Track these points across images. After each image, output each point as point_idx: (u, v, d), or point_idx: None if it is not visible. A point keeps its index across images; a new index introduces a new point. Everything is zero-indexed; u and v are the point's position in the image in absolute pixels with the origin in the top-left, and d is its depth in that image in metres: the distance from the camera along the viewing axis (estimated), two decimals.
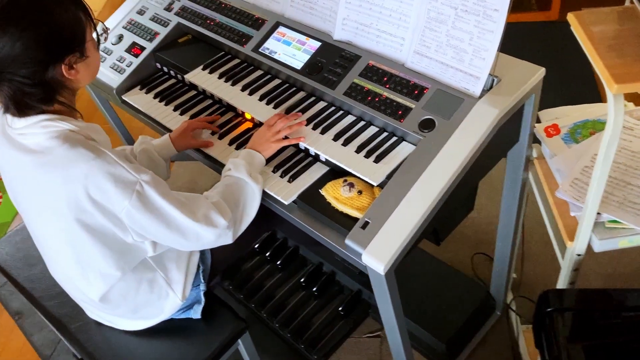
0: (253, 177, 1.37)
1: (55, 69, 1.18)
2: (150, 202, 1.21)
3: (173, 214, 1.24)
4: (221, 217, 1.29)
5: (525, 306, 2.09)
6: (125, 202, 1.19)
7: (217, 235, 1.30)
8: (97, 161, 1.17)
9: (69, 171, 1.17)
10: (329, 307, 2.17)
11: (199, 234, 1.28)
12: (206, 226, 1.27)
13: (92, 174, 1.17)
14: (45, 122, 1.19)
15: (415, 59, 1.43)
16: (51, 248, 1.38)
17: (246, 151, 1.44)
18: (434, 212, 1.26)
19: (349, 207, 1.32)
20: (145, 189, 1.21)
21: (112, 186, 1.17)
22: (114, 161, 1.19)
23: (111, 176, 1.17)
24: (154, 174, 1.24)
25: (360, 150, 1.39)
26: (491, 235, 2.36)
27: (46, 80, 1.18)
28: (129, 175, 1.19)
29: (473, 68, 1.34)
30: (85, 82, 1.28)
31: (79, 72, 1.23)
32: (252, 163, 1.40)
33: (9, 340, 2.32)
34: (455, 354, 1.98)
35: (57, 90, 1.21)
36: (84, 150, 1.17)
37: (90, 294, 1.38)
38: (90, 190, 1.17)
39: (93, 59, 1.26)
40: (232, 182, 1.36)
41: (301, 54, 1.59)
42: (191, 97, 1.73)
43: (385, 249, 1.21)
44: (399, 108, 1.40)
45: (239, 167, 1.37)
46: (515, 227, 1.78)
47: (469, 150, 1.27)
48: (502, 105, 1.31)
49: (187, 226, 1.25)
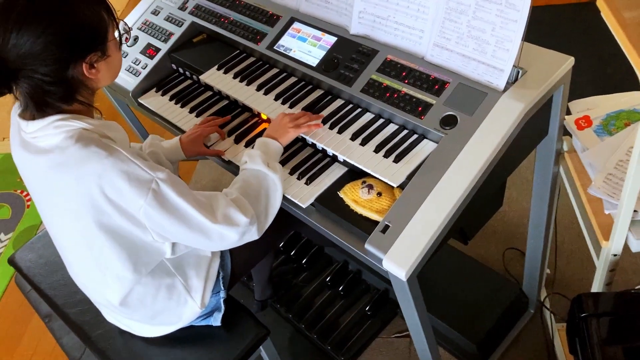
0: (271, 167, 1.32)
1: (76, 68, 1.16)
2: (167, 200, 1.18)
3: (192, 213, 1.20)
4: (242, 214, 1.24)
5: (561, 304, 2.01)
6: (140, 201, 1.16)
7: (241, 234, 1.26)
8: (110, 159, 1.14)
9: (82, 171, 1.15)
10: (356, 307, 2.12)
11: (222, 234, 1.24)
12: (228, 226, 1.23)
13: (106, 173, 1.14)
14: (58, 122, 1.17)
15: (435, 52, 1.36)
16: (70, 251, 1.37)
17: (260, 140, 1.39)
18: (458, 213, 1.20)
19: (368, 210, 1.26)
20: (162, 188, 1.17)
21: (126, 185, 1.15)
22: (128, 159, 1.16)
23: (125, 174, 1.15)
24: (169, 172, 1.21)
25: (379, 149, 1.33)
26: (523, 229, 2.28)
27: (66, 78, 1.16)
28: (143, 174, 1.16)
29: (496, 60, 1.26)
30: (105, 82, 1.26)
31: (100, 72, 1.20)
32: (268, 152, 1.36)
33: (41, 342, 2.34)
34: (486, 355, 1.91)
35: (77, 89, 1.19)
36: (97, 149, 1.15)
37: (110, 297, 1.36)
38: (106, 189, 1.15)
39: (115, 58, 1.24)
40: (249, 175, 1.32)
41: (317, 50, 1.54)
42: (207, 98, 1.70)
43: (407, 254, 1.15)
44: (418, 104, 1.33)
45: (255, 158, 1.33)
46: (547, 222, 1.70)
47: (494, 148, 1.20)
48: (528, 99, 1.23)
49: (208, 227, 1.22)
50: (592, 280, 1.44)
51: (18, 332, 2.40)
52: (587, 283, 2.03)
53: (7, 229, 2.83)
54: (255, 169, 1.32)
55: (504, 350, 1.94)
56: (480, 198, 1.26)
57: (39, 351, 2.31)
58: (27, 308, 2.32)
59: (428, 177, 1.23)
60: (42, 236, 1.81)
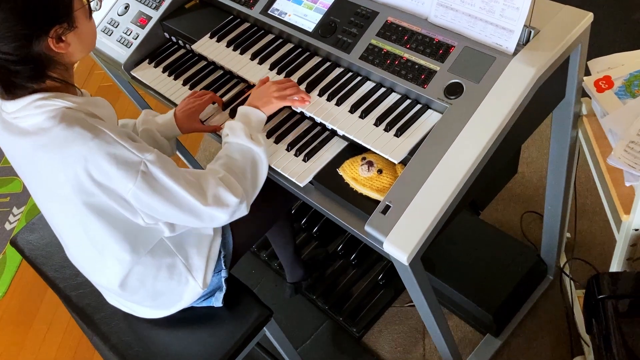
0: (254, 140, 1.25)
1: (41, 43, 1.07)
2: (157, 182, 1.13)
3: (183, 195, 1.15)
4: (231, 194, 1.19)
5: (582, 269, 1.93)
6: (129, 185, 1.11)
7: (231, 213, 1.22)
8: (96, 141, 1.08)
9: (66, 153, 1.09)
10: (368, 276, 2.07)
11: (213, 215, 1.19)
12: (218, 207, 1.19)
13: (91, 155, 1.08)
14: (40, 102, 1.10)
15: (440, 12, 1.25)
16: (66, 233, 1.33)
17: (242, 110, 1.32)
18: (465, 189, 1.11)
19: (368, 188, 1.18)
20: (151, 169, 1.12)
21: (113, 168, 1.09)
22: (114, 141, 1.09)
23: (112, 157, 1.09)
24: (159, 152, 1.15)
25: (379, 122, 1.24)
26: (542, 191, 2.17)
27: (32, 56, 1.08)
28: (131, 155, 1.10)
29: (505, 20, 1.15)
30: (80, 55, 1.17)
31: (71, 45, 1.12)
32: (250, 123, 1.29)
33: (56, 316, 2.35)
34: (503, 324, 1.85)
35: (47, 65, 1.12)
36: (81, 130, 1.08)
37: (109, 279, 1.33)
38: (92, 172, 1.10)
39: (85, 28, 1.15)
40: (233, 150, 1.26)
41: (313, 13, 1.43)
42: (201, 69, 1.61)
43: (409, 237, 1.08)
44: (421, 72, 1.23)
45: (237, 131, 1.26)
46: (565, 187, 1.60)
47: (503, 117, 1.11)
48: (541, 62, 1.12)
49: (199, 209, 1.17)
50: (615, 245, 1.34)
51: (33, 307, 2.41)
52: (609, 248, 1.93)
53: (19, 203, 2.82)
54: (238, 142, 1.25)
55: (521, 319, 1.87)
56: (490, 169, 1.17)
57: (54, 326, 2.32)
58: (42, 282, 2.33)
59: (431, 151, 1.14)
60: (43, 215, 1.77)
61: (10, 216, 2.78)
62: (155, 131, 1.46)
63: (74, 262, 1.42)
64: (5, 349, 2.29)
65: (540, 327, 1.85)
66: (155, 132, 1.46)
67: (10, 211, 2.80)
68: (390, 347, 1.94)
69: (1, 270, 2.55)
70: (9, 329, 2.35)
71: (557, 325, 1.84)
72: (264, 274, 2.20)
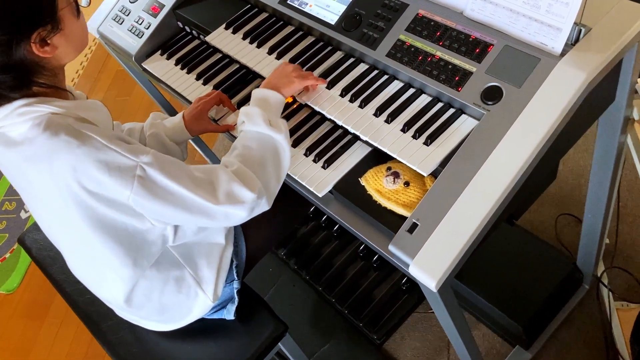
0: (273, 125, 1.13)
1: (23, 49, 0.97)
2: (157, 186, 1.02)
3: (189, 196, 1.03)
4: (246, 189, 1.07)
5: (620, 279, 1.80)
6: (126, 192, 1.00)
7: (249, 210, 1.09)
8: (83, 148, 0.97)
9: (54, 164, 0.99)
10: (391, 280, 1.96)
11: (228, 213, 1.07)
12: (232, 205, 1.06)
13: (80, 165, 0.98)
14: (22, 109, 1.00)
15: (477, 6, 1.12)
16: (65, 246, 1.25)
17: (258, 92, 1.19)
18: (504, 205, 1.00)
19: (393, 202, 1.07)
20: (149, 172, 1.01)
21: (106, 176, 0.98)
22: (104, 146, 0.98)
23: (102, 164, 0.98)
24: (156, 152, 1.04)
25: (407, 128, 1.12)
26: (579, 191, 2.04)
27: (14, 63, 0.98)
28: (124, 160, 0.99)
29: (552, 17, 1.02)
30: (69, 58, 1.07)
31: (59, 47, 1.02)
32: (268, 107, 1.17)
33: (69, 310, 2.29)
34: (534, 336, 1.73)
35: (32, 72, 1.02)
36: (67, 137, 0.98)
37: (113, 294, 1.24)
38: (84, 182, 0.99)
39: (73, 28, 1.04)
40: (250, 139, 1.13)
41: (336, 4, 1.31)
42: (216, 62, 1.50)
43: (438, 260, 0.97)
44: (455, 72, 1.10)
45: (254, 118, 1.14)
46: (609, 194, 1.47)
47: (549, 127, 0.98)
48: (593, 65, 0.99)
49: (211, 209, 1.05)
50: None
51: (47, 300, 2.36)
52: None
53: None
54: (256, 130, 1.13)
55: (553, 330, 1.75)
56: (531, 183, 1.05)
57: (67, 320, 2.27)
58: None
59: (466, 163, 1.02)
60: None
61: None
62: (164, 136, 1.36)
63: (76, 275, 1.33)
64: (18, 343, 2.25)
65: (574, 341, 1.73)
66: (164, 136, 1.36)
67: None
68: (412, 356, 1.84)
69: (15, 262, 2.50)
70: (22, 322, 2.31)
71: (593, 339, 1.72)
72: (282, 272, 2.11)
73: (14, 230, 2.64)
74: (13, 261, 2.51)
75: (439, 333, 1.86)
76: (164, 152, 1.34)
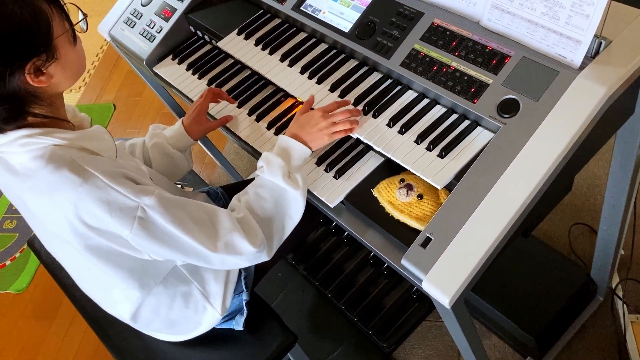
0: (292, 180, 1.10)
1: (17, 79, 0.93)
2: (156, 229, 1.00)
3: (186, 241, 1.02)
4: (247, 241, 1.05)
5: (636, 291, 1.77)
6: (125, 232, 0.98)
7: (245, 261, 1.08)
8: (85, 187, 0.95)
9: (55, 198, 0.96)
10: (401, 288, 1.94)
11: (224, 260, 1.06)
12: (229, 255, 1.05)
13: (82, 203, 0.95)
14: (24, 140, 0.97)
15: (494, 16, 1.10)
16: (70, 267, 1.24)
17: (284, 141, 1.15)
18: (520, 220, 0.98)
19: (406, 215, 1.05)
20: (150, 215, 0.98)
21: (107, 215, 0.96)
22: (106, 186, 0.96)
23: (104, 204, 0.96)
24: (161, 192, 1.01)
25: (420, 140, 1.10)
26: (593, 200, 2.01)
27: (7, 94, 0.93)
28: (126, 200, 0.97)
29: (572, 29, 0.99)
30: (66, 85, 1.02)
31: (54, 76, 0.97)
32: (291, 158, 1.13)
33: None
34: (546, 348, 1.71)
35: (27, 102, 0.97)
36: (69, 174, 0.95)
37: (120, 313, 1.24)
38: (84, 217, 0.97)
39: (69, 56, 0.99)
40: (264, 188, 1.11)
41: (350, 11, 1.29)
42: (228, 67, 1.49)
43: (452, 276, 0.95)
44: (471, 84, 1.08)
45: (273, 167, 1.11)
46: (625, 207, 1.44)
47: (567, 142, 0.96)
48: (613, 79, 0.97)
49: (207, 255, 1.04)
50: None
51: (56, 300, 2.36)
52: None
53: None
54: (272, 181, 1.11)
55: (566, 342, 1.73)
56: (547, 197, 1.02)
57: (76, 320, 2.27)
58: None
59: (482, 177, 1.00)
60: None
61: None
62: (167, 144, 1.35)
63: (84, 291, 1.32)
64: (27, 343, 2.26)
65: (587, 353, 1.71)
66: (167, 145, 1.35)
67: None
68: None
69: (24, 262, 2.51)
70: (31, 322, 2.31)
71: (606, 352, 1.69)
72: (291, 278, 2.09)
73: (24, 229, 2.64)
74: (23, 261, 2.51)
75: (449, 342, 1.84)
76: (168, 163, 1.34)
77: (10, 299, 2.41)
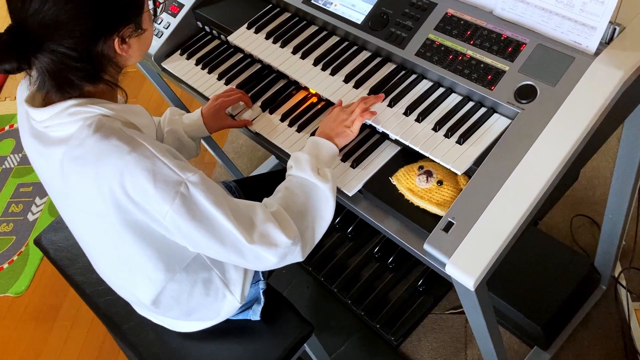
0: (321, 175, 1.11)
1: (107, 42, 0.98)
2: (197, 208, 0.99)
3: (226, 226, 1.01)
4: (282, 233, 1.04)
5: (638, 279, 1.80)
6: (166, 207, 0.97)
7: (281, 256, 1.07)
8: (133, 155, 0.96)
9: (101, 167, 0.97)
10: (407, 282, 1.96)
11: (259, 255, 1.05)
12: (265, 247, 1.04)
13: (128, 170, 0.96)
14: (73, 109, 0.99)
15: (508, 4, 1.12)
16: (94, 248, 1.22)
17: (312, 140, 1.18)
18: (540, 204, 0.99)
19: (426, 201, 1.07)
20: (192, 192, 0.98)
21: (151, 185, 0.96)
22: (153, 155, 0.97)
23: (150, 173, 0.96)
24: (204, 175, 1.02)
25: (438, 127, 1.12)
26: (593, 192, 2.04)
27: (95, 54, 0.98)
28: (171, 174, 0.97)
29: (587, 15, 1.02)
30: (135, 60, 1.08)
31: (131, 48, 1.02)
32: (319, 155, 1.15)
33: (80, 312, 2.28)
34: (552, 337, 1.73)
35: (105, 66, 1.02)
36: (118, 142, 0.97)
37: (141, 296, 1.23)
38: (128, 187, 0.97)
39: (147, 34, 1.06)
40: (294, 185, 1.12)
41: (362, 3, 1.30)
42: (238, 62, 1.49)
43: (477, 259, 0.97)
44: (487, 71, 1.10)
45: (302, 164, 1.12)
46: (631, 197, 1.47)
47: (586, 126, 0.98)
48: (628, 64, 0.99)
49: (243, 245, 1.03)
50: None
51: (56, 303, 2.34)
52: None
53: (42, 193, 2.75)
54: (302, 177, 1.11)
55: (571, 331, 1.75)
56: (562, 182, 1.05)
57: (77, 323, 2.25)
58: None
59: (502, 162, 1.02)
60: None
61: (33, 207, 2.71)
62: (182, 132, 1.36)
63: (102, 275, 1.31)
64: (28, 346, 2.23)
65: (593, 341, 1.73)
66: (182, 133, 1.36)
67: (33, 201, 2.73)
68: (429, 357, 1.83)
69: (23, 264, 2.48)
70: (31, 325, 2.29)
71: (611, 340, 1.72)
72: (296, 274, 2.10)
73: (20, 232, 2.62)
74: (21, 264, 2.49)
75: (455, 334, 1.86)
76: (179, 148, 1.35)
77: (9, 302, 2.39)
